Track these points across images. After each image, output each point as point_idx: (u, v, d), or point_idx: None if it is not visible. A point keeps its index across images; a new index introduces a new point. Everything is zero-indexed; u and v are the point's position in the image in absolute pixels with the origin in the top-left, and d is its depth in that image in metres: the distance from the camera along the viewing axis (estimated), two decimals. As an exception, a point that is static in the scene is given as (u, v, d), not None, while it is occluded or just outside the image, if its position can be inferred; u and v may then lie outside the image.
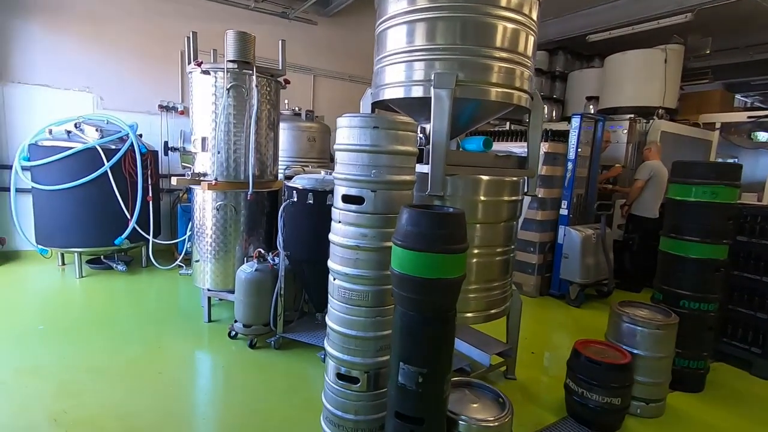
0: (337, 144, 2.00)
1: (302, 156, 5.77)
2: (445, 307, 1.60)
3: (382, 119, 1.86)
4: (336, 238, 2.02)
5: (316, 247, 3.05)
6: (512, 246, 2.81)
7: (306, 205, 3.04)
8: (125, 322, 3.74)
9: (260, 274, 3.29)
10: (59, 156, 4.48)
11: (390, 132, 1.86)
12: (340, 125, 1.96)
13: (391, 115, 2.17)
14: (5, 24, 5.08)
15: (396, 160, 1.90)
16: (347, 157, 1.92)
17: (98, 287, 4.57)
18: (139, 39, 5.80)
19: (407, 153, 1.95)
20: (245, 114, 3.54)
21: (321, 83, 7.35)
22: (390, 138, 1.87)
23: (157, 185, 5.27)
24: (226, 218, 3.65)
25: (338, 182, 2.00)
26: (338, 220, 2.00)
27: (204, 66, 3.42)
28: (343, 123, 1.94)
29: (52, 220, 4.67)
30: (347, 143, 1.92)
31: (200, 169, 3.63)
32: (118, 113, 5.29)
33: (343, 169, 1.95)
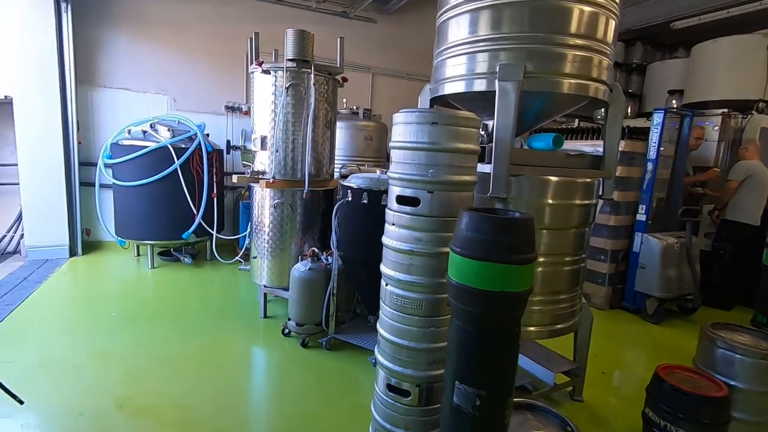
0: (392, 141, 1.89)
1: (359, 155, 5.75)
2: (508, 324, 1.43)
3: (441, 114, 1.72)
4: (389, 242, 1.91)
5: (369, 248, 2.97)
6: (583, 255, 2.54)
7: (360, 204, 2.96)
8: (188, 313, 3.91)
9: (313, 274, 3.27)
10: (135, 154, 4.80)
11: (450, 128, 1.72)
12: (395, 121, 1.85)
13: (451, 110, 2.01)
14: (96, 33, 5.56)
15: (456, 158, 1.75)
16: (403, 155, 1.80)
17: (167, 278, 4.85)
18: (208, 43, 6.09)
19: (468, 151, 1.79)
20: (303, 113, 3.55)
21: (380, 81, 7.30)
22: (449, 134, 1.72)
23: (221, 183, 5.50)
24: (283, 216, 3.69)
25: (393, 182, 1.88)
26: (392, 223, 1.89)
27: (264, 65, 3.46)
28: (399, 119, 1.82)
29: (128, 214, 5.03)
30: (403, 140, 1.80)
31: (259, 168, 3.69)
32: (188, 114, 5.59)
33: (398, 169, 1.83)
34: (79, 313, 3.80)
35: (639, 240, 4.38)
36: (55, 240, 5.24)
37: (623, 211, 4.50)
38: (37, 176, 5.07)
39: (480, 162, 2.11)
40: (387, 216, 1.94)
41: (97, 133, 5.64)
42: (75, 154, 5.28)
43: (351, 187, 3.02)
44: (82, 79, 5.53)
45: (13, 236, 5.49)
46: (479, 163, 2.04)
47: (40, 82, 4.97)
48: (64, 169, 5.20)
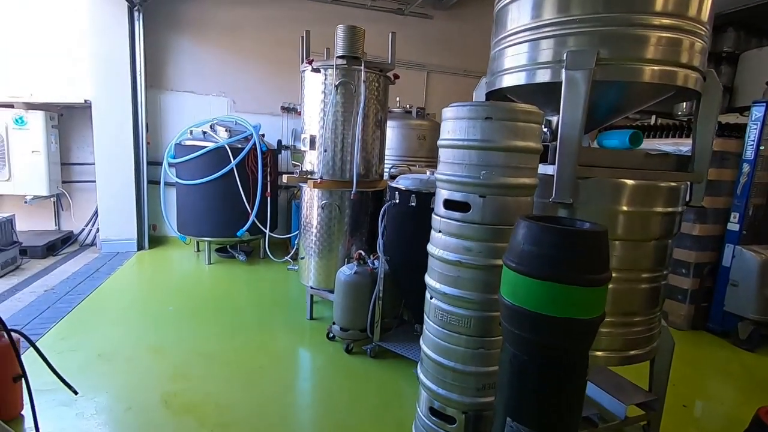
0: (440, 139, 1.70)
1: (411, 155, 5.58)
2: (574, 357, 1.20)
3: (496, 108, 1.51)
4: (434, 251, 1.73)
5: (417, 253, 2.80)
6: (664, 271, 2.18)
7: (408, 207, 2.80)
8: (238, 311, 3.96)
9: (359, 278, 3.16)
10: (195, 154, 4.99)
11: (507, 123, 1.50)
12: (445, 116, 1.66)
13: (508, 103, 1.78)
14: (164, 39, 5.88)
15: (513, 158, 1.53)
16: (452, 154, 1.62)
17: (221, 274, 4.99)
18: (265, 46, 6.23)
19: (528, 150, 1.57)
20: (352, 111, 3.45)
21: (434, 79, 7.09)
22: (506, 131, 1.51)
23: (275, 182, 5.58)
24: (331, 217, 3.61)
25: (440, 185, 1.70)
26: (438, 230, 1.70)
27: (314, 64, 3.41)
28: (448, 114, 1.64)
29: (188, 211, 5.25)
30: (452, 138, 1.61)
31: (308, 167, 3.65)
32: (246, 115, 5.74)
33: (447, 169, 1.64)
34: (140, 305, 3.99)
35: (730, 253, 3.80)
36: (125, 234, 5.60)
37: (711, 218, 3.94)
38: (111, 175, 5.44)
39: (542, 162, 1.86)
40: (433, 222, 1.76)
41: (165, 134, 5.96)
42: (144, 154, 5.61)
43: (399, 189, 2.86)
44: (151, 83, 5.86)
45: (90, 230, 5.94)
46: (541, 164, 1.80)
47: (115, 87, 5.32)
48: (134, 168, 5.54)
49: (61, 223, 5.92)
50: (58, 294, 4.08)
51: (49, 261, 5.11)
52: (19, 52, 5.36)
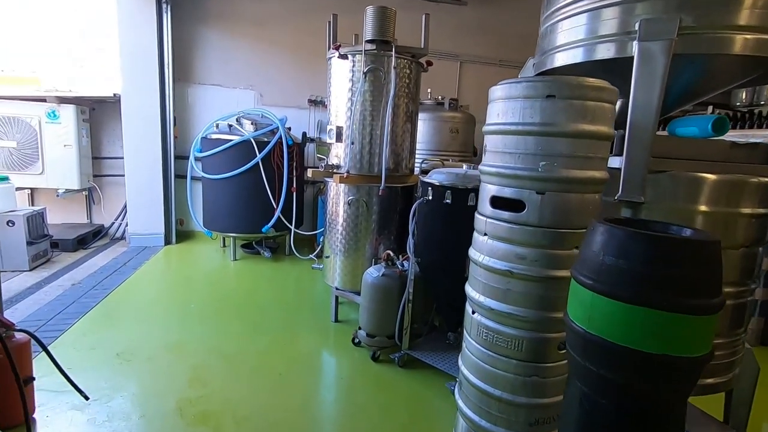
0: (487, 124, 1.43)
1: (443, 149, 5.28)
2: (669, 405, 0.91)
3: (561, 83, 1.23)
4: (478, 257, 1.46)
5: (451, 255, 2.54)
6: (752, 285, 1.84)
7: (442, 204, 2.53)
8: (261, 310, 3.81)
9: (387, 280, 2.92)
10: (220, 148, 4.87)
11: (573, 103, 1.22)
12: (493, 96, 1.39)
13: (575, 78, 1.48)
14: (191, 32, 5.81)
15: (580, 146, 1.25)
16: (502, 142, 1.34)
17: (246, 271, 4.87)
18: (292, 38, 6.06)
19: (598, 135, 1.28)
20: (382, 100, 3.20)
21: (468, 70, 6.73)
22: (573, 112, 1.22)
23: (301, 177, 5.42)
24: (357, 214, 3.39)
25: (486, 179, 1.43)
26: (483, 232, 1.44)
27: (342, 49, 3.18)
28: (498, 93, 1.36)
29: (214, 206, 5.15)
30: (503, 122, 1.34)
31: (334, 161, 3.44)
32: (273, 108, 5.59)
33: (495, 160, 1.37)
34: (163, 302, 3.90)
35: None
36: (153, 229, 5.58)
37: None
38: (139, 169, 5.42)
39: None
40: (477, 223, 1.50)
41: (192, 127, 5.90)
42: (171, 148, 5.56)
43: (432, 184, 2.60)
44: (179, 76, 5.81)
45: (120, 223, 5.97)
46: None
47: (143, 81, 5.28)
48: (162, 162, 5.50)
49: (92, 217, 5.98)
50: (84, 288, 4.05)
51: (79, 254, 5.14)
52: (52, 48, 5.40)
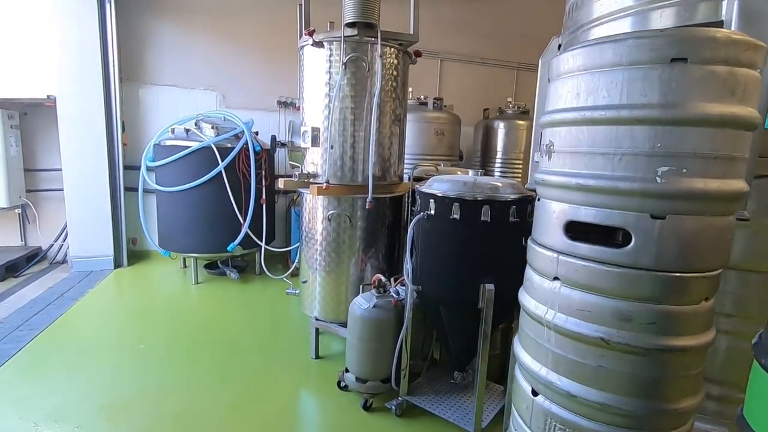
0: (552, 111, 0.95)
1: (428, 152, 4.84)
2: None
3: (697, 38, 0.76)
4: (543, 312, 0.99)
5: (463, 284, 2.06)
6: None
7: (449, 221, 2.04)
8: (228, 347, 3.21)
9: (380, 313, 2.40)
10: (176, 156, 4.24)
11: (717, 71, 0.75)
12: (564, 68, 0.91)
13: (710, 30, 1.00)
14: (142, 25, 5.14)
15: (724, 140, 0.78)
16: (585, 137, 0.87)
17: (210, 296, 4.24)
18: (260, 34, 5.48)
19: (748, 123, 0.81)
20: (366, 96, 2.70)
21: (449, 68, 6.33)
22: (716, 85, 0.75)
23: (271, 186, 4.83)
24: (339, 231, 2.86)
25: (552, 193, 0.97)
26: (553, 276, 0.95)
27: (317, 36, 2.66)
28: (574, 62, 0.88)
29: (170, 223, 4.50)
30: (588, 106, 0.86)
31: (310, 169, 2.90)
32: (238, 111, 4.98)
33: (571, 165, 0.92)
34: (106, 343, 3.23)
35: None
36: (100, 250, 4.85)
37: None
38: (82, 181, 4.70)
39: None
40: (534, 258, 1.02)
41: (144, 134, 5.22)
42: (119, 157, 4.86)
43: (434, 196, 2.11)
44: (128, 76, 5.13)
45: (62, 245, 5.20)
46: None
47: (84, 81, 4.58)
48: (108, 173, 4.79)
49: (27, 238, 5.18)
50: (6, 329, 3.33)
51: (7, 284, 4.37)
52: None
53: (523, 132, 5.35)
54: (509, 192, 2.05)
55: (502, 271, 2.06)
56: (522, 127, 5.34)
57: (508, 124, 5.37)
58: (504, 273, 2.07)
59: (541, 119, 1.07)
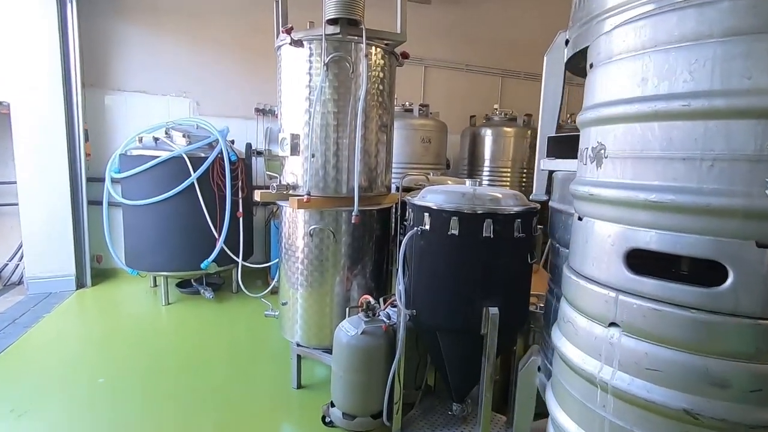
0: (598, 106, 0.73)
1: (414, 161, 4.64)
2: None
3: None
4: (597, 370, 0.76)
5: (463, 307, 1.83)
6: None
7: (447, 237, 1.82)
8: (200, 377, 2.89)
9: (370, 341, 2.15)
10: (145, 166, 3.91)
11: None
12: (618, 48, 0.68)
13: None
14: (108, 27, 4.81)
15: None
16: (654, 137, 0.65)
17: (182, 319, 3.90)
18: (236, 37, 5.21)
19: None
20: (350, 99, 2.47)
21: (433, 75, 6.18)
22: None
23: (249, 198, 4.54)
24: (322, 247, 2.61)
25: (607, 210, 0.73)
26: (608, 320, 0.72)
27: (296, 34, 2.42)
28: (630, 37, 0.66)
29: (138, 239, 4.15)
30: (661, 94, 0.63)
31: (289, 179, 2.65)
32: (213, 119, 4.68)
33: (634, 174, 0.68)
34: (59, 377, 2.86)
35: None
36: (60, 269, 4.46)
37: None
38: (39, 195, 4.32)
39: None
40: (577, 293, 0.79)
41: (109, 143, 4.85)
42: (82, 168, 4.49)
43: (429, 209, 1.88)
44: (92, 81, 4.79)
45: (17, 264, 4.77)
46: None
47: (41, 85, 4.23)
48: (70, 186, 4.42)
49: (-22, 258, 4.73)
50: (-58, 365, 2.94)
51: (-48, 310, 3.93)
52: None
53: (511, 139, 5.22)
54: (512, 204, 1.84)
55: (507, 292, 1.85)
56: (510, 135, 5.20)
57: (496, 131, 5.22)
58: (508, 295, 1.86)
59: (583, 116, 0.86)
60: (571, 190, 0.91)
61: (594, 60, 0.85)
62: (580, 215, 0.89)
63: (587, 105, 0.87)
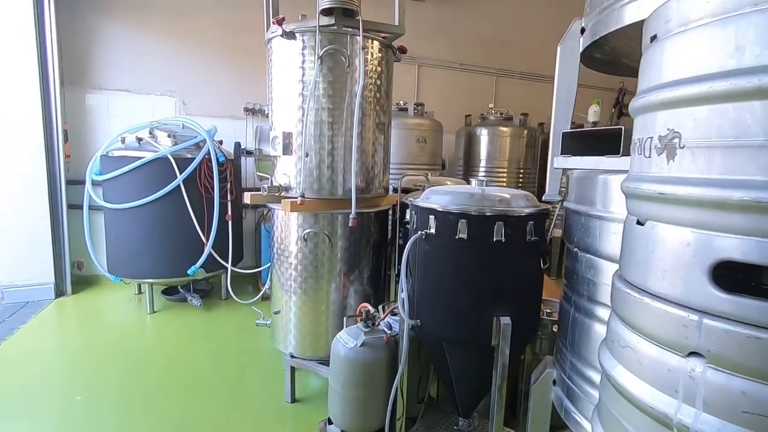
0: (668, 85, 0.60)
1: (410, 161, 4.51)
2: None
3: None
4: (675, 409, 0.60)
5: (472, 317, 1.70)
6: None
7: (454, 241, 1.68)
8: (189, 390, 2.72)
9: (370, 353, 2.00)
10: (126, 168, 3.72)
11: None
12: (697, 13, 0.55)
13: None
14: (89, 23, 4.60)
15: None
16: (754, 120, 0.51)
17: (167, 329, 3.70)
18: (224, 34, 5.04)
19: None
20: (346, 95, 2.33)
21: (426, 74, 6.06)
22: None
23: (238, 201, 4.36)
24: (317, 252, 2.45)
25: (685, 213, 0.60)
26: (688, 349, 0.58)
27: (287, 25, 2.27)
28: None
29: (121, 245, 3.94)
30: (759, 65, 0.50)
31: (282, 181, 2.49)
32: (200, 119, 4.48)
33: (724, 168, 0.54)
34: (32, 395, 2.66)
35: None
36: (38, 277, 4.23)
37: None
38: (14, 199, 4.09)
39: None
40: (639, 312, 0.65)
41: (91, 144, 4.63)
42: (61, 170, 4.27)
43: (434, 211, 1.74)
44: (72, 79, 4.57)
45: (-7, 272, 4.51)
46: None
47: (16, 83, 4.01)
48: (48, 189, 4.20)
49: (-50, 266, 4.47)
50: None
51: None
52: None
53: (507, 139, 5.12)
54: (523, 205, 1.71)
55: (519, 300, 1.72)
56: (506, 134, 5.11)
57: (492, 130, 5.12)
58: (520, 303, 1.73)
59: (643, 100, 0.73)
60: (628, 190, 0.78)
61: (659, 30, 0.72)
62: (640, 219, 0.76)
63: (648, 86, 0.74)
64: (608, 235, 1.40)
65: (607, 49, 1.53)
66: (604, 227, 1.41)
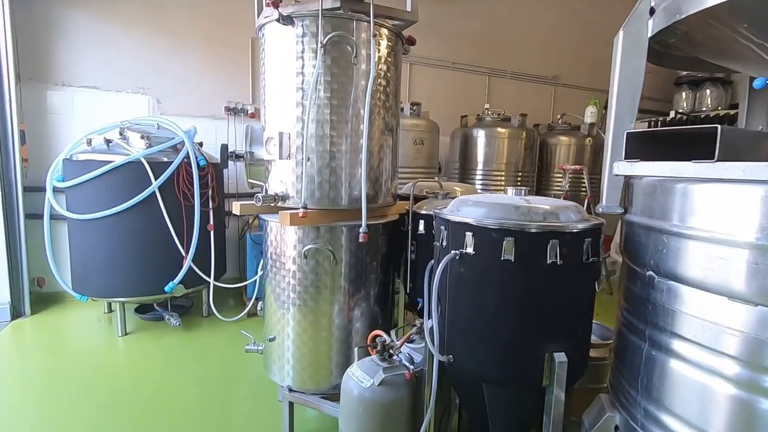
0: None
1: (406, 164, 4.23)
2: None
3: None
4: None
5: (520, 353, 1.42)
6: None
7: (498, 263, 1.40)
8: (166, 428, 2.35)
9: (390, 393, 1.70)
10: (95, 174, 3.30)
11: None
12: None
13: None
14: (48, 14, 4.13)
15: None
16: None
17: (141, 353, 3.30)
18: (202, 27, 4.64)
19: None
20: (352, 90, 2.03)
21: (419, 73, 5.81)
22: None
23: (221, 208, 3.99)
24: (319, 271, 2.14)
25: None
26: None
27: (284, 8, 1.95)
28: None
29: (88, 259, 3.51)
30: None
31: (278, 188, 2.16)
32: (177, 118, 4.09)
33: None
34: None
35: None
36: (-9, 297, 3.74)
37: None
38: (-37, 209, 3.60)
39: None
40: None
41: (53, 146, 4.16)
42: (18, 176, 3.80)
43: (470, 226, 1.46)
44: (31, 75, 4.10)
45: (-62, 291, 3.99)
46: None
47: (-36, 77, 3.53)
48: (2, 196, 3.72)
49: None
50: None
51: None
52: None
53: (505, 141, 4.90)
54: (575, 219, 1.45)
55: (574, 333, 1.45)
56: (503, 136, 4.89)
57: (489, 132, 4.90)
58: (576, 336, 1.46)
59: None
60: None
61: None
62: None
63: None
64: (693, 257, 1.15)
65: (679, 34, 1.28)
66: (688, 246, 1.16)
